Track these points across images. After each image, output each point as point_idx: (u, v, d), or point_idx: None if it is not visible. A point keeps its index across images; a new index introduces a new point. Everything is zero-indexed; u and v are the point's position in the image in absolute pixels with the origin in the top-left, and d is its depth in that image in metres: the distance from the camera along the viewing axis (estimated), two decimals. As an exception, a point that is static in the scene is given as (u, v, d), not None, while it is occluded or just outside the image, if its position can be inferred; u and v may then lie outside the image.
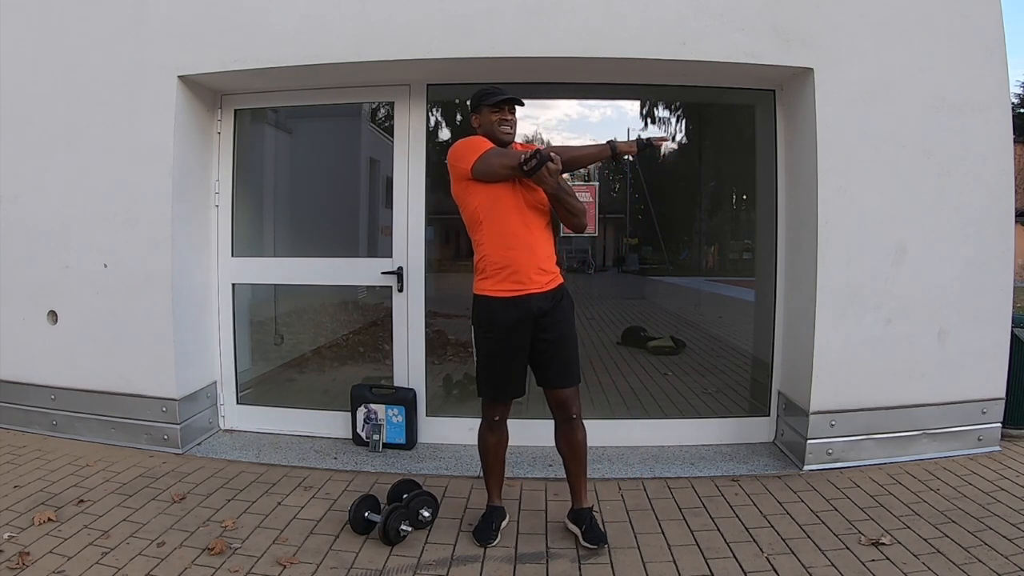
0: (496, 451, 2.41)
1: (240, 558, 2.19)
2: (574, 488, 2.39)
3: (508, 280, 2.21)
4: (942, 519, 2.45)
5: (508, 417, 2.40)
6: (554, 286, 2.26)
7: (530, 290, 2.21)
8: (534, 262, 2.21)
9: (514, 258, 2.20)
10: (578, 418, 2.33)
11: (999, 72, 2.95)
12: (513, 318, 2.21)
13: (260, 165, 3.95)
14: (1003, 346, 3.05)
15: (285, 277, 3.69)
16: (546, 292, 2.23)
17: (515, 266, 2.20)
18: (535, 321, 2.22)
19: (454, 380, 3.73)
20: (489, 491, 2.46)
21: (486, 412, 2.36)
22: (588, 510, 2.36)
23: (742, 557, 2.21)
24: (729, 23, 2.86)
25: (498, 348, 2.26)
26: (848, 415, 2.95)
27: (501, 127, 2.26)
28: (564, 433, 2.34)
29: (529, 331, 2.23)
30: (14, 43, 3.25)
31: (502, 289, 2.22)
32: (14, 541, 2.26)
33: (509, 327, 2.22)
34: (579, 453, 2.35)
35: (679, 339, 4.15)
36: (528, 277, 2.20)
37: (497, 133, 2.26)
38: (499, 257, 2.21)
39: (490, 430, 2.38)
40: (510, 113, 2.28)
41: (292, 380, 4.08)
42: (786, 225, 3.23)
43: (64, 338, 3.25)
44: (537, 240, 2.23)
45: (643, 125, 3.86)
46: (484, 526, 2.34)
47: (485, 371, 2.31)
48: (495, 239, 2.21)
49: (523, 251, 2.20)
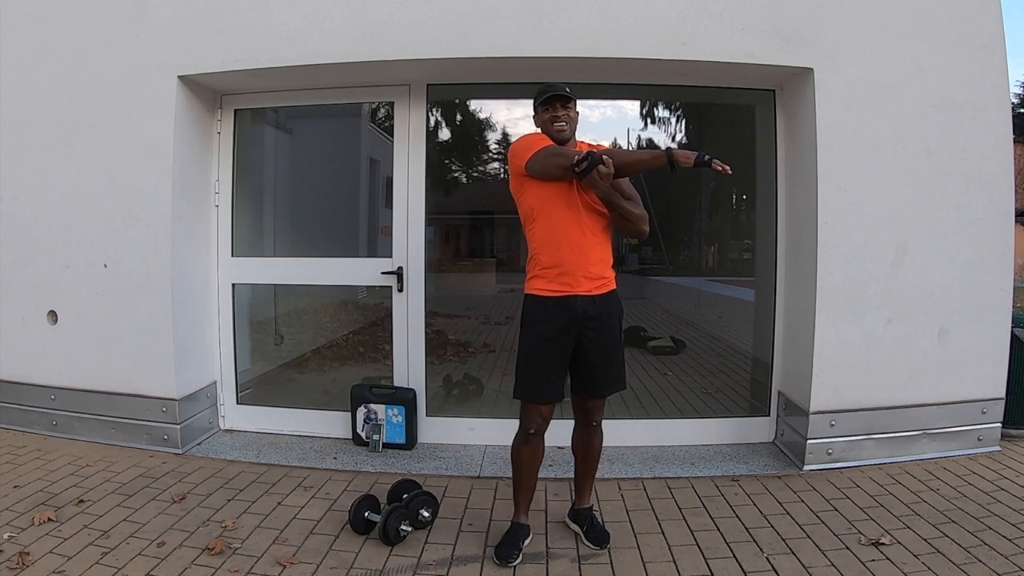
0: (530, 465, 2.28)
1: (240, 558, 2.19)
2: (579, 487, 2.38)
3: (555, 280, 2.15)
4: (942, 519, 2.45)
5: (544, 432, 2.25)
6: (604, 291, 2.18)
7: (576, 292, 2.14)
8: (583, 264, 2.14)
9: (563, 258, 2.14)
10: (598, 425, 2.31)
11: (999, 72, 2.95)
12: (557, 319, 2.14)
13: (260, 165, 3.95)
14: (1003, 346, 3.05)
15: (285, 277, 3.69)
16: (594, 296, 2.16)
17: (564, 266, 2.14)
18: (580, 325, 2.15)
19: (454, 380, 3.73)
20: (516, 506, 2.33)
21: (523, 422, 2.23)
22: (588, 510, 2.37)
23: (742, 557, 2.21)
24: (729, 23, 2.86)
25: (539, 348, 2.18)
26: (848, 415, 2.95)
27: (554, 125, 2.19)
28: (582, 437, 2.33)
29: (573, 334, 2.16)
30: (14, 43, 3.25)
31: (548, 289, 2.17)
32: (14, 541, 2.26)
33: (552, 327, 2.16)
34: (592, 456, 2.35)
35: (679, 339, 4.15)
36: (576, 279, 2.14)
37: (551, 131, 2.20)
38: (548, 256, 2.17)
39: (525, 443, 2.24)
40: (562, 108, 2.18)
41: (292, 380, 4.08)
42: (786, 225, 3.23)
43: (64, 338, 3.25)
44: (589, 242, 2.15)
45: (643, 125, 3.87)
46: (507, 543, 2.23)
47: (522, 370, 2.21)
48: (546, 238, 2.17)
49: (573, 252, 2.14)
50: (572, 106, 2.21)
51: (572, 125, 2.22)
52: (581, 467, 2.37)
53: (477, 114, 4.22)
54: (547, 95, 2.19)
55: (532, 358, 2.19)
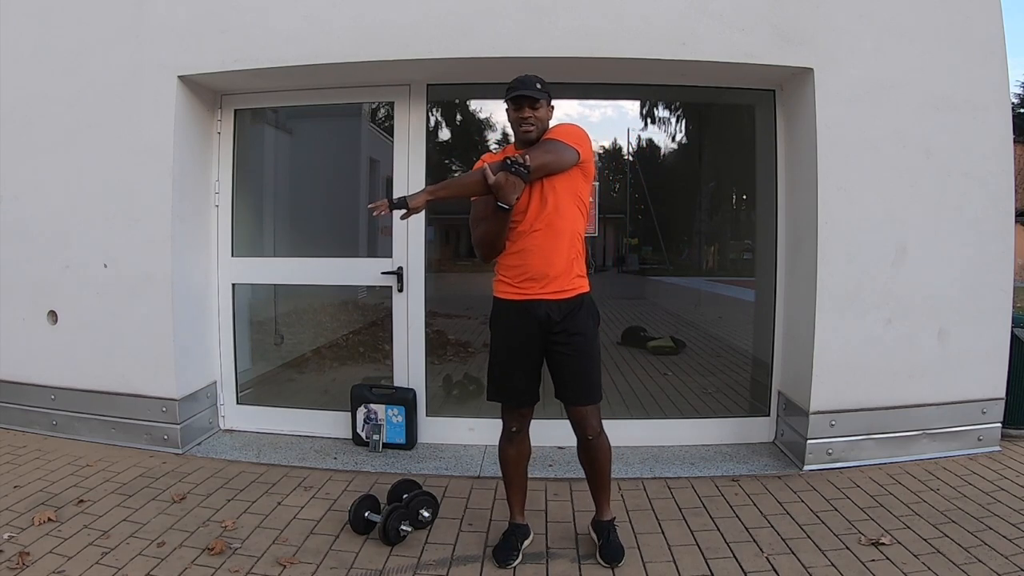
0: (516, 463, 2.27)
1: (240, 558, 2.19)
2: (594, 497, 2.31)
3: (518, 285, 2.13)
4: (942, 519, 2.45)
5: (527, 428, 2.26)
6: (570, 295, 2.12)
7: (539, 295, 2.10)
8: (549, 267, 2.09)
9: (527, 263, 2.10)
10: (595, 438, 2.18)
11: (999, 72, 2.95)
12: (519, 322, 2.13)
13: (260, 165, 3.95)
14: (1003, 346, 3.05)
15: (285, 277, 3.69)
16: (559, 300, 2.10)
17: (528, 271, 2.10)
18: (545, 329, 2.11)
19: (454, 380, 3.73)
20: (511, 507, 2.32)
21: (503, 421, 2.25)
22: (608, 523, 2.27)
23: (742, 557, 2.21)
24: (729, 23, 2.86)
25: (503, 352, 2.19)
26: (848, 415, 2.95)
27: (521, 127, 2.12)
28: (583, 451, 2.23)
29: (538, 338, 2.13)
30: (14, 43, 3.25)
31: (510, 292, 2.15)
32: (14, 541, 2.26)
33: (515, 331, 2.15)
34: (598, 468, 2.24)
35: (679, 339, 4.14)
36: (539, 283, 2.10)
37: (518, 133, 2.15)
38: (512, 261, 2.14)
39: (508, 441, 2.25)
40: (530, 109, 2.09)
41: (292, 380, 4.08)
42: (786, 225, 3.23)
43: (64, 338, 3.25)
44: (556, 245, 2.09)
45: (643, 125, 3.87)
46: (505, 545, 2.22)
47: (491, 373, 2.23)
48: (511, 243, 2.14)
49: (537, 256, 2.09)
50: (542, 105, 2.12)
51: (541, 126, 2.13)
52: (589, 479, 2.30)
53: (477, 114, 4.22)
54: (514, 94, 2.10)
55: (498, 362, 2.20)
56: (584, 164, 2.13)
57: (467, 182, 2.15)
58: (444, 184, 2.22)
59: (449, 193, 2.14)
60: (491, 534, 2.36)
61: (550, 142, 2.10)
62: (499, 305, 2.19)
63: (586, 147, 2.14)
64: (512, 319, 2.15)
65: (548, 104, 2.17)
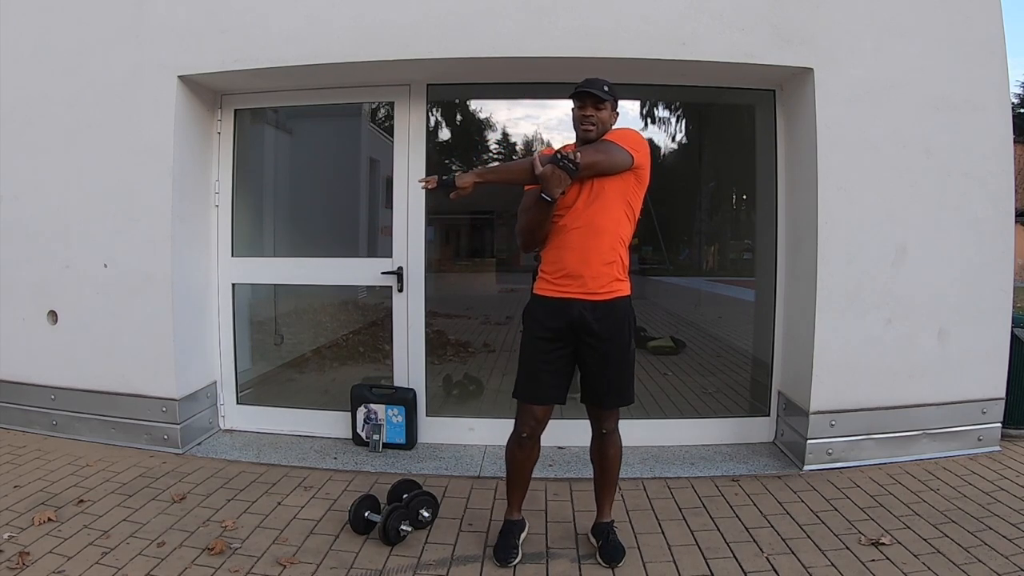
0: (524, 466, 2.24)
1: (240, 558, 2.19)
2: (598, 499, 2.30)
3: (554, 281, 2.11)
4: (942, 519, 2.45)
5: (539, 436, 2.21)
6: (607, 297, 2.08)
7: (575, 295, 2.07)
8: (585, 267, 2.06)
9: (564, 259, 2.08)
10: (610, 433, 2.19)
11: (999, 72, 2.95)
12: (551, 320, 2.10)
13: (260, 165, 3.95)
14: (1003, 346, 3.05)
15: (285, 277, 3.69)
16: (594, 301, 2.07)
17: (564, 268, 2.08)
18: (579, 330, 2.08)
19: (454, 380, 3.73)
20: (509, 502, 2.30)
21: (516, 424, 2.19)
22: (608, 524, 2.27)
23: (742, 557, 2.21)
24: (729, 23, 2.86)
25: (532, 349, 2.16)
26: (848, 415, 2.95)
27: (582, 125, 2.10)
28: (597, 445, 2.23)
29: (571, 339, 2.10)
30: (14, 43, 3.24)
31: (546, 289, 2.13)
32: (14, 541, 2.26)
33: (544, 328, 2.11)
34: (608, 466, 2.24)
35: (679, 339, 4.15)
36: (576, 281, 2.07)
37: (578, 131, 2.13)
38: (551, 256, 2.12)
39: (519, 445, 2.20)
40: (592, 108, 2.08)
41: (292, 380, 4.08)
42: (786, 225, 3.23)
43: (64, 338, 3.25)
44: (595, 245, 2.06)
45: (643, 125, 3.87)
46: (504, 544, 2.21)
47: (520, 369, 2.18)
48: (553, 238, 2.11)
49: (575, 253, 2.07)
50: (606, 107, 2.10)
51: (601, 127, 2.11)
52: (598, 478, 2.28)
53: (477, 114, 4.23)
54: (580, 90, 2.10)
55: (526, 358, 2.18)
56: (638, 170, 2.10)
57: (515, 168, 2.13)
58: (493, 168, 2.23)
59: (497, 178, 2.13)
60: (491, 534, 2.36)
61: (604, 143, 2.09)
62: (534, 300, 2.18)
63: (643, 152, 2.10)
64: (546, 316, 2.13)
65: (613, 108, 2.15)
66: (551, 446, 3.13)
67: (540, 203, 2.02)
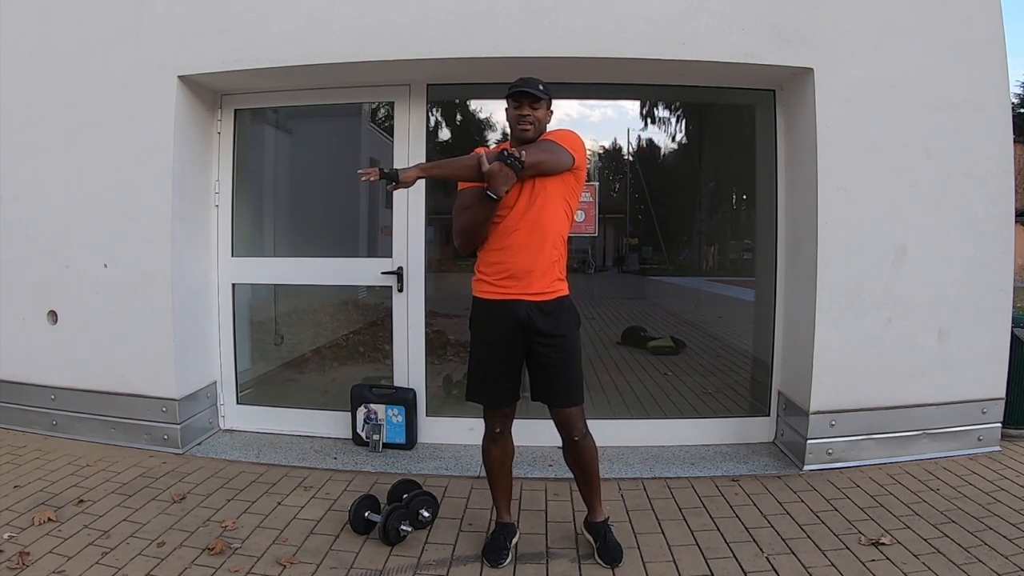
0: (501, 463, 2.27)
1: (240, 558, 2.19)
2: (586, 501, 2.30)
3: (497, 283, 2.11)
4: (942, 519, 2.45)
5: (510, 429, 2.25)
6: (550, 297, 2.10)
7: (520, 296, 2.08)
8: (533, 266, 2.07)
9: (509, 260, 2.08)
10: (582, 439, 2.17)
11: (999, 72, 2.95)
12: (497, 322, 2.11)
13: (260, 165, 3.95)
14: (1003, 346, 3.05)
15: (285, 277, 3.69)
16: (539, 302, 2.09)
17: (509, 268, 2.08)
18: (526, 331, 2.09)
19: (454, 380, 3.73)
20: (497, 506, 2.33)
21: (485, 422, 2.24)
22: (602, 523, 2.26)
23: (742, 557, 2.21)
24: (729, 23, 2.86)
25: (483, 351, 2.18)
26: (848, 415, 2.95)
27: (519, 125, 2.11)
28: (569, 452, 2.22)
29: (518, 340, 2.11)
30: (14, 43, 3.25)
31: (489, 291, 2.14)
32: (14, 541, 2.26)
33: (493, 331, 2.13)
34: (586, 469, 2.23)
35: (679, 339, 4.14)
36: (521, 282, 2.08)
37: (515, 131, 2.13)
38: (493, 257, 2.12)
39: (492, 441, 2.24)
40: (529, 108, 2.09)
41: (292, 380, 4.08)
42: (786, 225, 3.23)
43: (64, 338, 3.25)
44: (540, 244, 2.08)
45: (643, 125, 3.87)
46: (494, 544, 2.22)
47: (471, 374, 2.23)
48: (494, 239, 2.11)
49: (522, 253, 2.07)
50: (542, 106, 2.11)
51: (538, 126, 2.12)
52: (579, 481, 2.29)
53: (477, 114, 4.22)
54: (515, 89, 2.10)
55: (476, 362, 2.20)
56: (577, 170, 2.14)
57: (461, 165, 2.12)
58: (437, 163, 2.25)
59: (442, 173, 2.17)
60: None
61: (547, 143, 2.11)
62: (478, 305, 2.19)
63: (581, 154, 2.15)
64: (492, 319, 2.14)
65: (548, 107, 2.17)
66: (551, 446, 3.13)
67: (485, 201, 2.03)
